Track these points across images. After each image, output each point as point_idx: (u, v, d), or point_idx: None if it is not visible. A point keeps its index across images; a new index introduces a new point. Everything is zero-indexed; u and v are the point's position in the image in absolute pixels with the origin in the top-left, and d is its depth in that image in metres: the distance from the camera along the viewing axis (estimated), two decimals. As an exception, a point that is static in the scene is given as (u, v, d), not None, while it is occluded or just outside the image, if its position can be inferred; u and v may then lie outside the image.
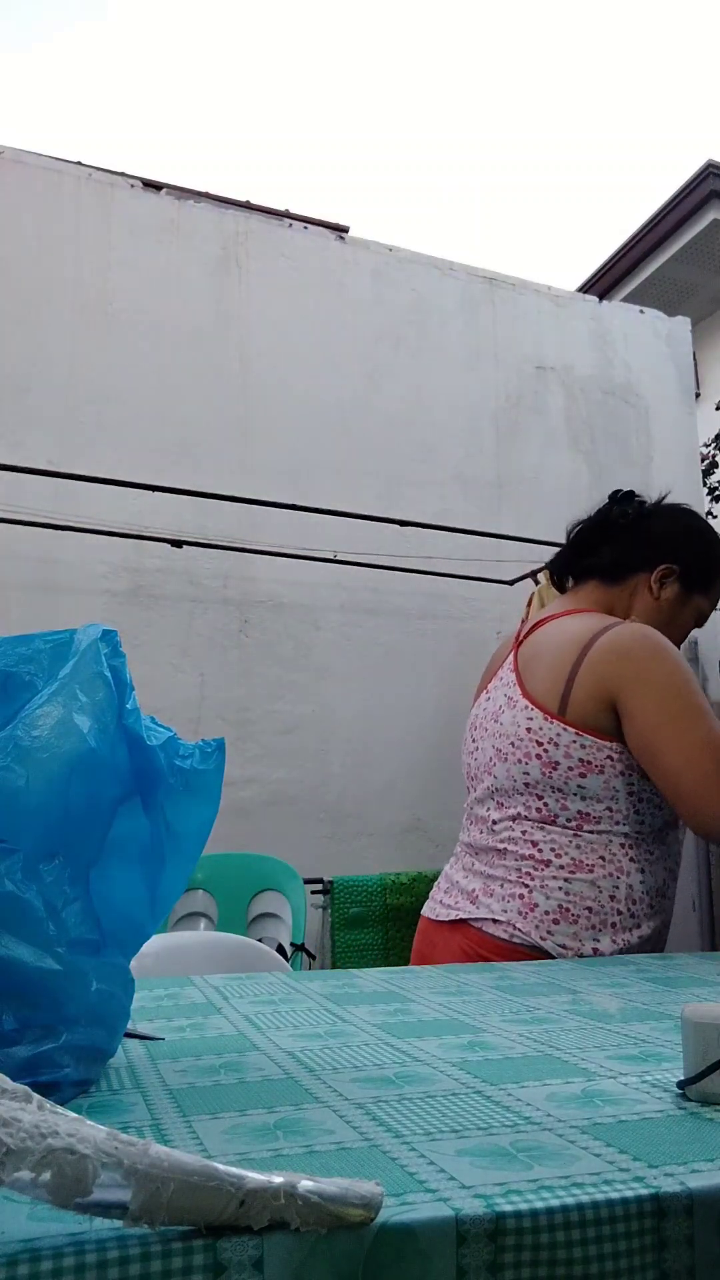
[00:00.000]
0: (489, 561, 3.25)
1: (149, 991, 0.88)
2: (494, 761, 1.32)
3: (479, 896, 1.28)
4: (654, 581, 1.37)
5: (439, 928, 1.33)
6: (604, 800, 1.24)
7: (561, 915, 1.21)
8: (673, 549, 1.37)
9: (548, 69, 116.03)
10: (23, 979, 0.51)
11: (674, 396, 3.85)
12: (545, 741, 1.25)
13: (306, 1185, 0.36)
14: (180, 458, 2.94)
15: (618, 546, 1.40)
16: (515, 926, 1.22)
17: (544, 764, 1.24)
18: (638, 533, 1.40)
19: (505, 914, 1.23)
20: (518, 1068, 0.61)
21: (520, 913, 1.22)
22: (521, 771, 1.27)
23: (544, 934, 1.21)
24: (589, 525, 1.46)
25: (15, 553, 2.69)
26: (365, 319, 3.30)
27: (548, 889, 1.22)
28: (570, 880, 1.22)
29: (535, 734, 1.26)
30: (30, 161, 2.96)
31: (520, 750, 1.27)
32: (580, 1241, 0.38)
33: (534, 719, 1.26)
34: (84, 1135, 0.35)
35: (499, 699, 1.36)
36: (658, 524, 1.41)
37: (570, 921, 1.21)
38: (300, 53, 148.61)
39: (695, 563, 1.37)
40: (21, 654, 0.60)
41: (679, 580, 1.37)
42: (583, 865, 1.23)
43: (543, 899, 1.22)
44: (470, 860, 1.35)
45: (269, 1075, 0.59)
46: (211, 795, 0.62)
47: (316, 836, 2.91)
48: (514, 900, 1.24)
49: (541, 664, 1.30)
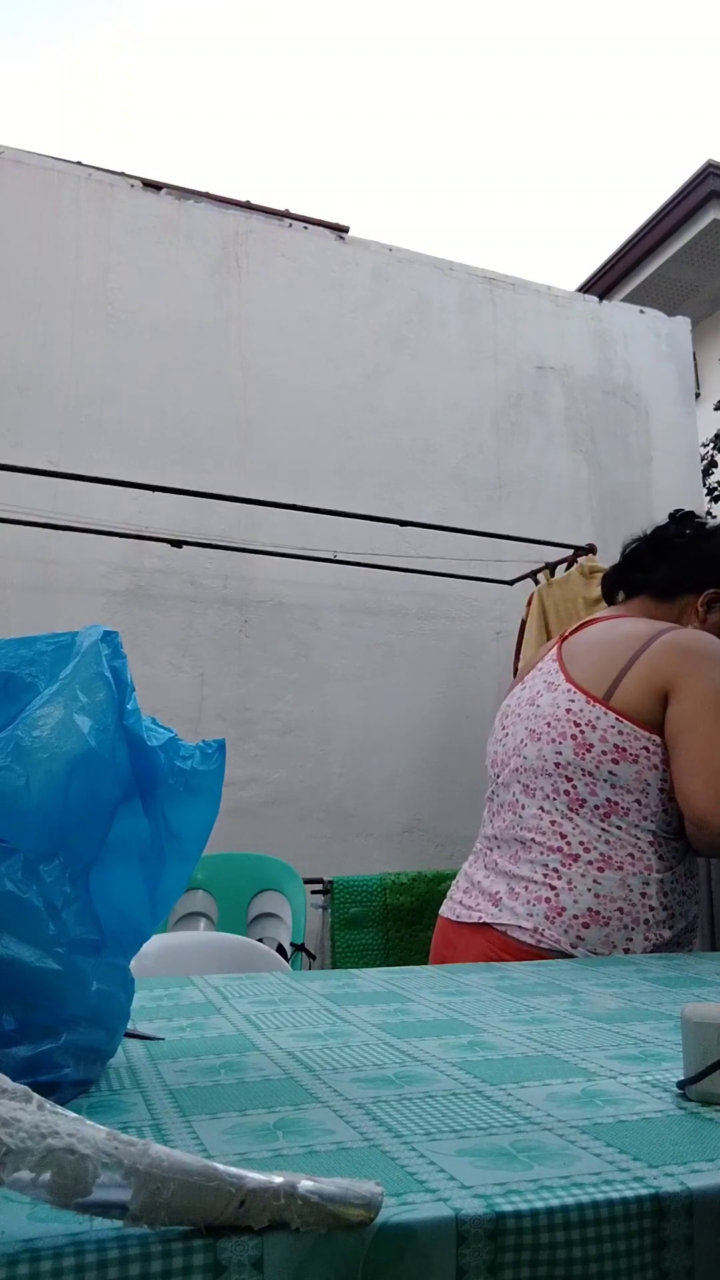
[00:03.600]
0: (489, 561, 3.25)
1: (149, 991, 0.89)
2: (525, 742, 1.31)
3: (502, 899, 1.26)
4: (701, 605, 1.36)
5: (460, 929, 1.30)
6: (633, 792, 1.23)
7: (592, 919, 1.19)
8: None
9: (548, 69, 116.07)
10: (23, 979, 0.51)
11: (674, 396, 3.85)
12: (583, 723, 1.24)
13: (306, 1185, 0.36)
14: (180, 458, 2.94)
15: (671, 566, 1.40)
16: (543, 933, 1.20)
17: (578, 744, 1.24)
18: (691, 554, 1.39)
19: (531, 918, 1.21)
20: (518, 1068, 0.61)
21: (548, 917, 1.20)
22: (554, 751, 1.26)
23: (574, 940, 1.19)
24: (645, 541, 1.46)
25: (15, 553, 2.69)
26: (365, 319, 3.30)
27: (576, 890, 1.20)
28: (600, 880, 1.21)
29: (574, 715, 1.25)
30: (30, 161, 2.96)
31: (555, 730, 1.27)
32: (580, 1241, 0.38)
33: (575, 701, 1.26)
34: (84, 1135, 0.35)
35: (537, 685, 1.35)
36: (710, 546, 1.40)
37: (601, 924, 1.19)
38: (300, 53, 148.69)
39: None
40: (23, 656, 0.60)
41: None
42: (611, 862, 1.21)
43: (571, 902, 1.20)
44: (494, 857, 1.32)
45: (269, 1075, 0.59)
46: (212, 796, 0.62)
47: (316, 836, 2.91)
48: (540, 904, 1.21)
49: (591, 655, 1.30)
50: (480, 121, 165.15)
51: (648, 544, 1.44)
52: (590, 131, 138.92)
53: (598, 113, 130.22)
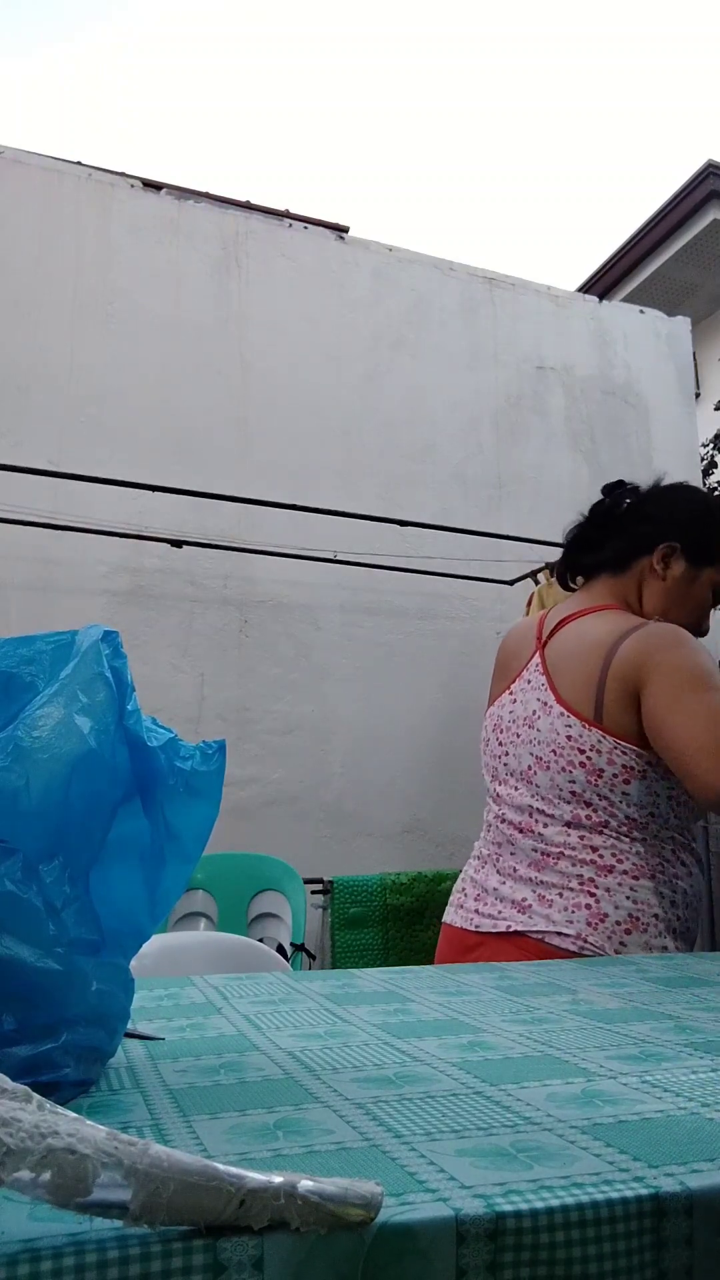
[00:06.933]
0: (489, 561, 3.25)
1: (149, 991, 0.88)
2: (534, 770, 1.29)
3: (532, 906, 1.24)
4: (657, 563, 1.34)
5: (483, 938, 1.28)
6: (648, 806, 1.23)
7: (633, 925, 1.19)
8: (670, 527, 1.34)
9: (548, 69, 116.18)
10: (23, 979, 0.51)
11: (674, 396, 3.85)
12: (587, 749, 1.23)
13: (306, 1185, 0.36)
14: (180, 458, 2.94)
15: (619, 536, 1.38)
16: (586, 940, 1.19)
17: (589, 771, 1.23)
18: (635, 518, 1.37)
19: (572, 925, 1.20)
20: (518, 1068, 0.61)
21: (589, 924, 1.19)
22: (567, 780, 1.25)
23: (618, 945, 1.18)
24: (586, 522, 1.44)
25: (15, 553, 2.69)
26: (365, 319, 3.30)
27: (615, 897, 1.20)
28: (635, 888, 1.21)
29: (576, 741, 1.24)
30: (30, 161, 2.96)
31: (563, 759, 1.25)
32: (580, 1241, 0.38)
33: (572, 726, 1.25)
34: (84, 1135, 0.35)
35: (531, 702, 1.33)
36: (652, 506, 1.38)
37: (641, 930, 1.19)
38: (301, 53, 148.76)
39: (697, 536, 1.34)
40: (23, 655, 0.60)
41: (684, 556, 1.34)
42: (645, 871, 1.22)
43: (612, 908, 1.20)
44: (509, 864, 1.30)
45: (269, 1075, 0.59)
46: (212, 796, 0.62)
47: (316, 836, 2.91)
48: (580, 910, 1.20)
49: (570, 668, 1.29)
50: (480, 121, 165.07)
51: (590, 524, 1.43)
52: (590, 131, 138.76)
53: (598, 113, 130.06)
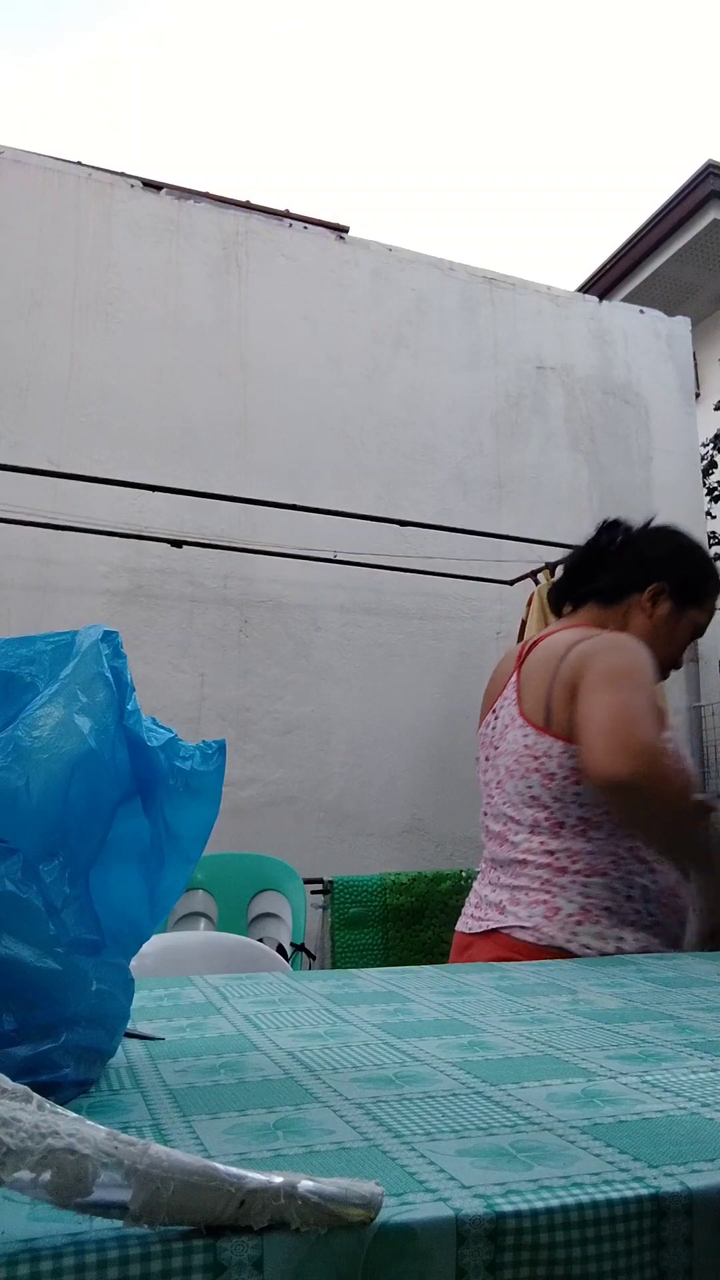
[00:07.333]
0: (489, 561, 3.25)
1: (149, 991, 0.88)
2: (504, 780, 1.39)
3: (506, 906, 1.35)
4: (646, 601, 1.44)
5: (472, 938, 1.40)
6: (600, 804, 1.29)
7: (584, 916, 1.27)
8: (662, 568, 1.45)
9: (548, 69, 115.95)
10: (23, 979, 0.51)
11: (674, 396, 3.85)
12: (540, 755, 1.32)
13: (306, 1185, 0.36)
14: (180, 458, 2.94)
15: (611, 572, 1.48)
16: (542, 931, 1.28)
17: (543, 775, 1.32)
18: (629, 556, 1.48)
19: (531, 919, 1.30)
20: (518, 1068, 0.61)
21: (545, 917, 1.29)
22: (526, 786, 1.34)
23: (569, 935, 1.27)
24: (582, 555, 1.54)
25: (15, 553, 2.70)
26: (365, 319, 3.30)
27: (569, 893, 1.29)
28: (588, 884, 1.29)
29: (531, 749, 1.34)
30: (30, 161, 2.96)
31: (523, 766, 1.35)
32: (580, 1241, 0.38)
33: (529, 735, 1.35)
34: (84, 1135, 0.35)
35: (505, 718, 1.43)
36: (647, 546, 1.49)
37: (593, 922, 1.27)
38: (300, 53, 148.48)
39: (684, 579, 1.45)
40: (23, 655, 0.60)
41: (670, 597, 1.44)
42: (597, 869, 1.29)
43: (565, 903, 1.28)
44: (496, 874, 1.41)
45: (269, 1075, 0.59)
46: (212, 796, 0.62)
47: (316, 836, 2.91)
48: (539, 906, 1.30)
49: (533, 681, 1.38)
50: (480, 121, 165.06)
51: (586, 556, 1.53)
52: (590, 131, 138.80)
53: (598, 112, 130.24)
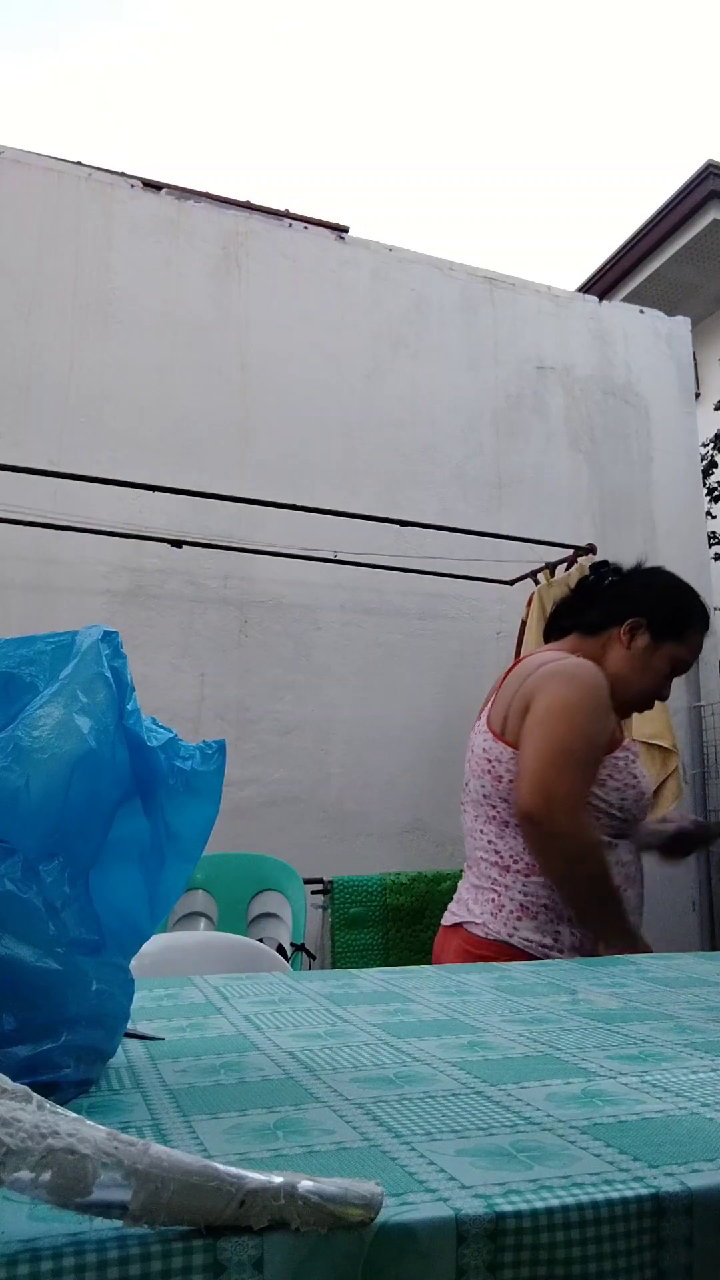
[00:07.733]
0: (489, 561, 3.25)
1: (149, 991, 0.89)
2: (470, 780, 1.54)
3: (467, 903, 1.48)
4: (624, 633, 1.54)
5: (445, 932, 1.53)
6: None
7: (523, 913, 1.41)
8: (643, 604, 1.55)
9: (548, 69, 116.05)
10: (23, 979, 0.51)
11: (674, 396, 3.85)
12: (492, 758, 1.46)
13: (306, 1185, 0.36)
14: (180, 457, 2.94)
15: (598, 607, 1.59)
16: (488, 926, 1.42)
17: (492, 777, 1.46)
18: (613, 593, 1.59)
19: (481, 915, 1.44)
20: (518, 1068, 0.61)
21: (491, 913, 1.43)
22: (480, 785, 1.49)
23: (510, 930, 1.40)
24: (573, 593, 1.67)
25: (15, 553, 2.70)
26: (365, 319, 3.30)
27: (510, 891, 1.42)
28: (526, 883, 1.41)
29: (487, 753, 1.47)
30: (30, 161, 2.96)
31: (480, 768, 1.49)
32: (579, 1241, 0.38)
33: (487, 740, 1.48)
34: (84, 1135, 0.35)
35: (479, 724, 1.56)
36: (633, 585, 1.60)
37: (531, 917, 1.40)
38: (300, 53, 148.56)
39: (664, 615, 1.55)
40: (23, 655, 0.60)
41: (648, 630, 1.53)
42: (535, 869, 1.40)
43: (508, 900, 1.42)
44: (467, 870, 1.54)
45: (269, 1075, 0.59)
46: (212, 796, 0.62)
47: (316, 836, 2.91)
48: (487, 903, 1.44)
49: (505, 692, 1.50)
50: (480, 121, 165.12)
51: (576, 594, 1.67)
52: (590, 132, 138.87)
53: (598, 113, 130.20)
